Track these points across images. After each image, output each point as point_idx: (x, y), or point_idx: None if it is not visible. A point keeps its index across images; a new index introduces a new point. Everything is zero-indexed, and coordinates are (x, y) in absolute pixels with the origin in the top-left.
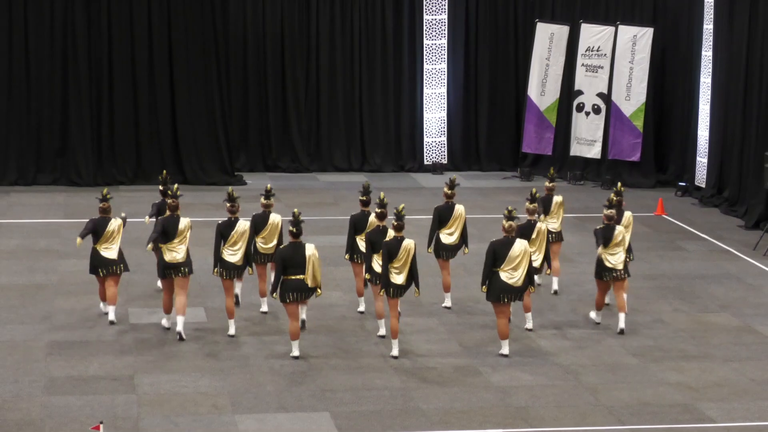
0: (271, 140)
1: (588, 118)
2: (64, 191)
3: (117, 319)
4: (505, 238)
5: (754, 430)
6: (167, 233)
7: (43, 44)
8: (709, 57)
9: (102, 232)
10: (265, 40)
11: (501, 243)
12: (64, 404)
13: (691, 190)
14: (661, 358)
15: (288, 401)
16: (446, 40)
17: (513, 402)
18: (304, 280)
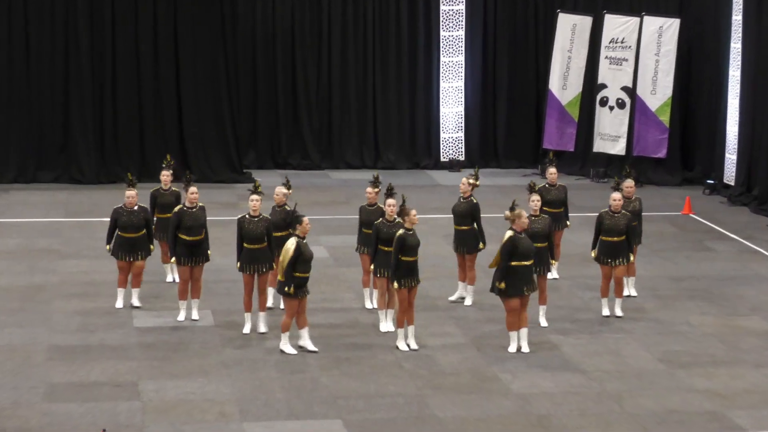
0: (281, 136)
1: (612, 112)
2: (66, 189)
3: (120, 323)
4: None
5: None
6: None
7: (44, 37)
8: (738, 49)
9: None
10: (275, 31)
11: (518, 237)
12: (64, 412)
13: (719, 188)
14: (689, 363)
15: (298, 408)
16: (463, 31)
17: (533, 410)
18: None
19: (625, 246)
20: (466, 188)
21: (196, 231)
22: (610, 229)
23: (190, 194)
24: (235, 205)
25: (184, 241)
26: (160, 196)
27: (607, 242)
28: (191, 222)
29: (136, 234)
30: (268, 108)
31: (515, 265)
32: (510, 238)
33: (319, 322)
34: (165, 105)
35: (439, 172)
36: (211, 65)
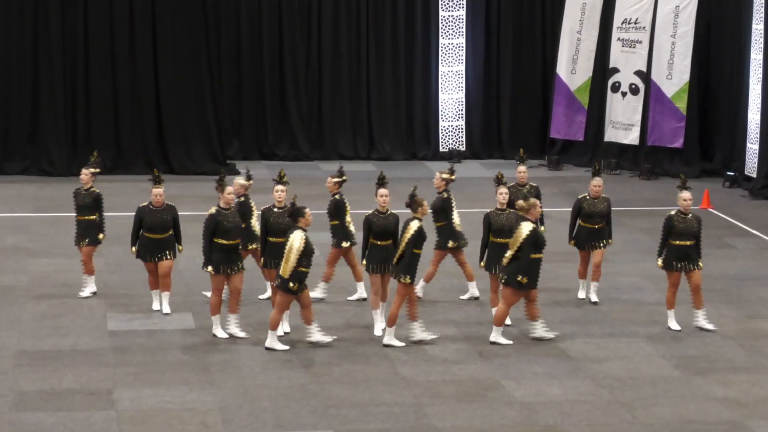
0: (267, 125)
1: (624, 99)
2: (35, 182)
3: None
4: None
5: None
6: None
7: (10, 17)
8: (760, 30)
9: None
10: (261, 10)
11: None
12: (34, 422)
13: (740, 180)
14: (706, 369)
15: (286, 418)
16: (464, 11)
17: (539, 420)
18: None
19: (695, 250)
20: (439, 183)
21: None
22: (682, 232)
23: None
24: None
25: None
26: (78, 196)
27: (679, 246)
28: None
29: (163, 235)
30: (254, 94)
31: (534, 258)
32: (533, 230)
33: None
34: (142, 91)
35: (437, 163)
36: (191, 47)
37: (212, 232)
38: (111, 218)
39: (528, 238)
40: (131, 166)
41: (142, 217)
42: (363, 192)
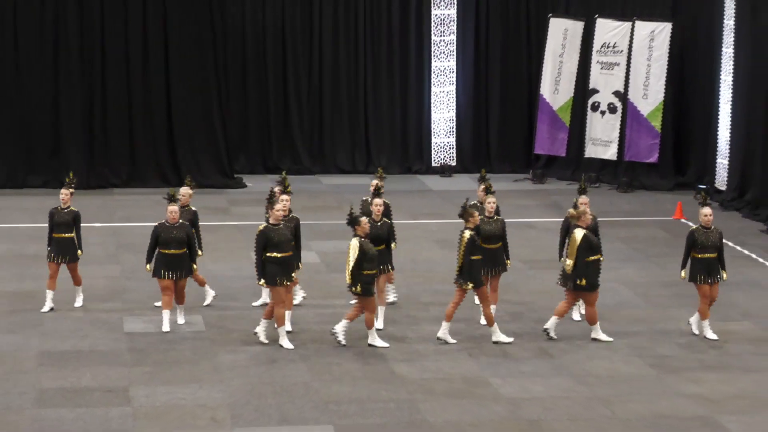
0: (271, 141)
1: (603, 117)
2: (56, 194)
3: (111, 328)
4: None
5: None
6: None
7: (32, 39)
8: (730, 54)
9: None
10: (266, 35)
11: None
12: (55, 417)
13: (711, 193)
14: (679, 368)
15: (290, 414)
16: (455, 36)
17: (524, 415)
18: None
19: (717, 262)
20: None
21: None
22: (705, 246)
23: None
24: (226, 210)
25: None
26: (57, 215)
27: (702, 259)
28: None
29: (178, 251)
30: (259, 111)
31: (590, 260)
32: (585, 236)
33: (310, 327)
34: (155, 109)
35: (430, 177)
36: (200, 68)
37: (263, 247)
38: (127, 228)
39: (582, 243)
40: (145, 179)
41: (158, 234)
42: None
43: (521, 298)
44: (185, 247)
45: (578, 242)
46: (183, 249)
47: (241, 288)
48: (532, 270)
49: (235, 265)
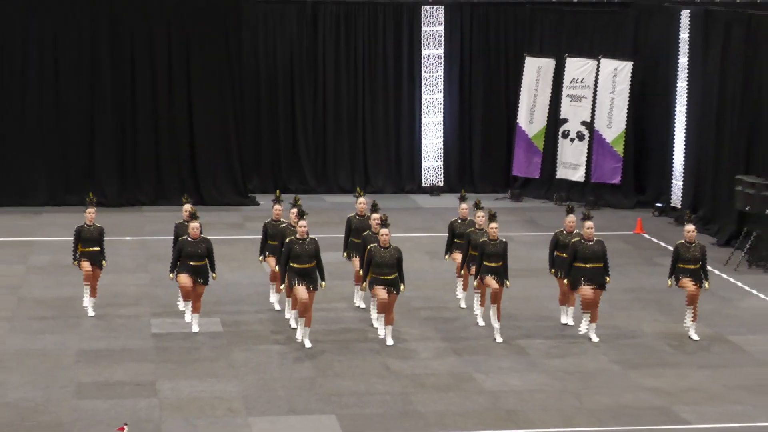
0: (281, 164)
1: (573, 144)
2: None
3: (140, 329)
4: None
5: (725, 431)
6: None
7: (71, 76)
8: (684, 88)
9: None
10: (277, 71)
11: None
12: (91, 408)
13: (667, 210)
14: (640, 364)
15: (297, 405)
16: (442, 72)
17: (504, 405)
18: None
19: (699, 272)
20: (363, 208)
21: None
22: (689, 259)
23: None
24: (241, 225)
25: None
26: (84, 231)
27: (685, 269)
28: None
29: (198, 263)
30: (270, 138)
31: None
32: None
33: (315, 329)
34: (179, 136)
35: (421, 195)
36: (219, 100)
37: (287, 257)
38: (154, 241)
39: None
40: (169, 198)
41: (182, 248)
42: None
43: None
44: (206, 259)
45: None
46: (204, 261)
47: (254, 294)
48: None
49: (249, 274)
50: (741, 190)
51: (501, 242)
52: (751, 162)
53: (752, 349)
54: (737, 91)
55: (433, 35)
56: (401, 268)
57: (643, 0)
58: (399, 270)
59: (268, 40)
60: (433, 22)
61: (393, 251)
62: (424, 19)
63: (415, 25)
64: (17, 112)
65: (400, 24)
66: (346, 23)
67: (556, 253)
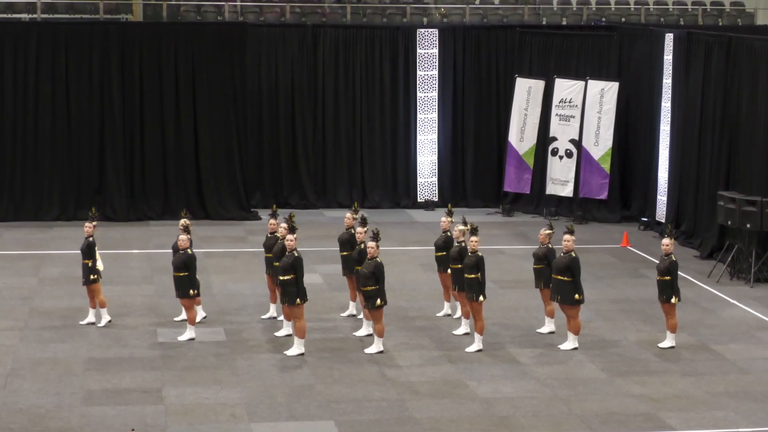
0: (282, 180)
1: (561, 161)
2: (101, 225)
3: (146, 338)
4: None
5: None
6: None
7: (83, 98)
8: (667, 108)
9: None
10: (278, 93)
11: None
12: (100, 414)
13: (652, 224)
14: (627, 372)
15: (297, 411)
16: (437, 92)
17: (496, 412)
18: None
19: (669, 284)
20: (456, 233)
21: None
22: (659, 271)
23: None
24: (244, 239)
25: None
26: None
27: (658, 281)
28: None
29: (176, 273)
30: (272, 156)
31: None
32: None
33: (314, 338)
34: (184, 154)
35: (416, 210)
36: (223, 120)
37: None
38: (160, 254)
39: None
40: (176, 213)
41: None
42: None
43: (493, 313)
44: (183, 272)
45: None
46: (181, 273)
47: (256, 304)
48: (503, 289)
49: (251, 285)
50: (722, 205)
51: (477, 256)
52: (731, 178)
53: (734, 357)
54: (717, 111)
55: (428, 57)
56: (378, 282)
57: (627, 24)
58: (377, 284)
59: (270, 63)
60: (428, 45)
61: (371, 264)
62: (419, 42)
63: (411, 47)
64: (31, 133)
65: (396, 47)
66: (345, 46)
67: (534, 267)
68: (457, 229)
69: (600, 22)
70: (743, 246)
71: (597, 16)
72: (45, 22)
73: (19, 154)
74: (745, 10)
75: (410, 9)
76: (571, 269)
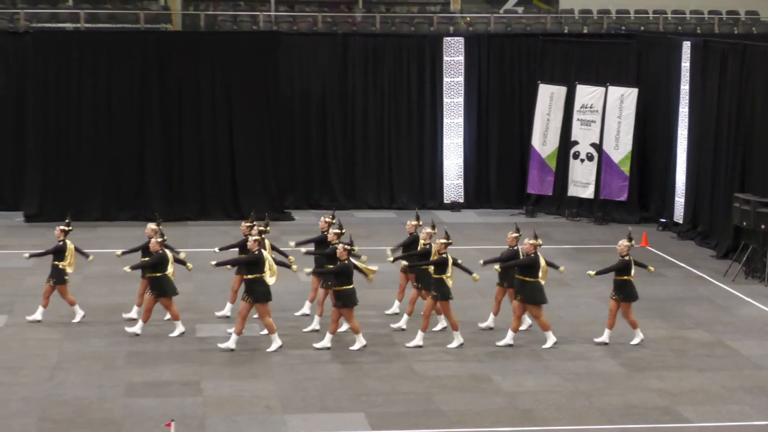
0: (314, 183)
1: (582, 164)
2: (140, 226)
3: (185, 333)
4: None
5: (725, 430)
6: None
7: (123, 104)
8: (685, 113)
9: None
10: (310, 99)
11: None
12: (140, 405)
13: (670, 225)
14: (645, 367)
15: (329, 403)
16: (462, 98)
17: (519, 405)
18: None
19: (620, 283)
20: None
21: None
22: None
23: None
24: (277, 239)
25: None
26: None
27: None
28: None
29: (150, 274)
30: (304, 159)
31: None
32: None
33: (344, 333)
34: (220, 157)
35: (442, 211)
36: (257, 125)
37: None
38: (198, 252)
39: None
40: (212, 214)
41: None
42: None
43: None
44: (155, 271)
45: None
46: (155, 273)
47: (289, 301)
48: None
49: (284, 283)
50: (738, 206)
51: (443, 257)
52: (746, 181)
53: (749, 353)
54: (733, 116)
55: (454, 64)
56: (342, 281)
57: (646, 32)
58: (340, 282)
59: (302, 70)
60: (454, 53)
61: (339, 266)
62: (445, 49)
63: (437, 55)
64: (74, 138)
65: (423, 54)
66: (374, 54)
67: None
68: (425, 231)
69: (620, 30)
70: (758, 246)
71: (617, 24)
72: (88, 32)
73: (63, 158)
74: (759, 19)
75: (437, 18)
76: (533, 270)
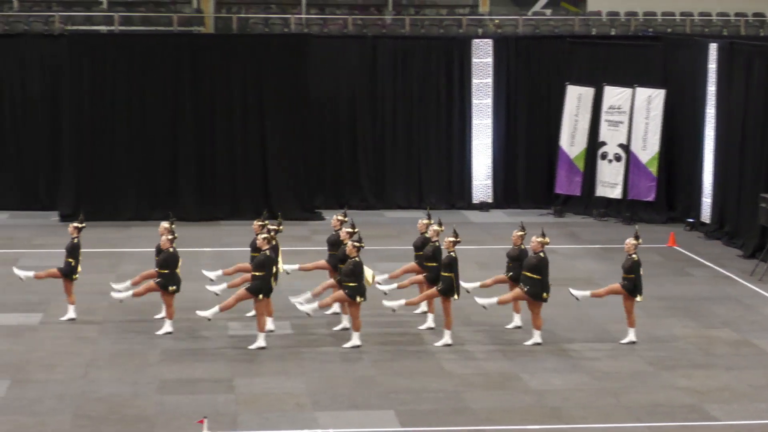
0: (344, 183)
1: (610, 164)
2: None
3: (217, 331)
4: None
5: (752, 428)
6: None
7: (157, 106)
8: (711, 114)
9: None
10: (339, 100)
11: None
12: (174, 402)
13: (697, 225)
14: (672, 366)
15: (359, 401)
16: (491, 99)
17: (548, 403)
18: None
19: (632, 282)
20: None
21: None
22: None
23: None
24: (308, 238)
25: None
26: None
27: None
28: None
29: (159, 270)
30: (334, 160)
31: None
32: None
33: (374, 331)
34: (251, 158)
35: (471, 211)
36: (288, 126)
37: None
38: (230, 252)
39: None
40: (244, 213)
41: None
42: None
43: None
44: (164, 269)
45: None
46: (163, 270)
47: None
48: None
49: (316, 282)
50: (764, 207)
51: (451, 256)
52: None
53: None
54: (759, 117)
55: (483, 66)
56: (351, 278)
57: (673, 34)
58: (350, 280)
59: (332, 72)
60: (483, 55)
61: (349, 264)
62: (474, 51)
63: (466, 57)
64: (108, 140)
65: (452, 56)
66: (403, 56)
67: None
68: (432, 229)
69: (647, 32)
70: None
71: (644, 26)
72: (122, 34)
73: (98, 159)
74: None
75: (466, 20)
76: (538, 268)
